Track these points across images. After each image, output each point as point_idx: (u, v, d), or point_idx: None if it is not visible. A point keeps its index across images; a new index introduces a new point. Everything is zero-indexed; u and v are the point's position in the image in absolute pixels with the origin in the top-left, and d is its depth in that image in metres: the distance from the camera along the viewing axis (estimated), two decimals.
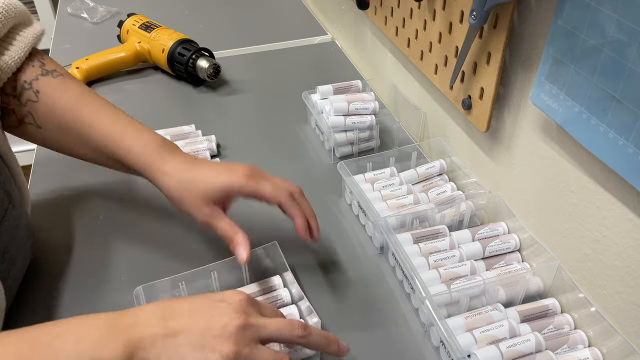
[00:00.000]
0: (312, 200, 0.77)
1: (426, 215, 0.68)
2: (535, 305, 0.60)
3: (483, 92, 0.65)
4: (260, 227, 0.72)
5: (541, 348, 0.54)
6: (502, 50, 0.60)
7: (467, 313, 0.57)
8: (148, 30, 1.05)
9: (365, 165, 0.77)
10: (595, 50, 0.47)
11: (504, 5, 0.57)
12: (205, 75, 0.99)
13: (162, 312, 0.45)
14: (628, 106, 0.45)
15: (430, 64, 0.76)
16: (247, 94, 1.02)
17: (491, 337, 0.55)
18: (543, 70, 0.54)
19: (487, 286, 0.59)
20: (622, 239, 0.51)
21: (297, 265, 0.67)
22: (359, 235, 0.72)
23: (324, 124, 0.83)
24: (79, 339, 0.42)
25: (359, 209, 0.73)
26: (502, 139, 0.67)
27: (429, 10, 0.73)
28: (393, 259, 0.66)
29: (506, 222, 0.68)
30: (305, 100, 0.87)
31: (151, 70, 1.08)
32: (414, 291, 0.62)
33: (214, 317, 0.45)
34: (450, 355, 0.55)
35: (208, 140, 0.85)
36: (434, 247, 0.65)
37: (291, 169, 0.83)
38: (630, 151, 0.46)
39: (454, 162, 0.77)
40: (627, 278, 0.52)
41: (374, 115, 0.82)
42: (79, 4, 1.30)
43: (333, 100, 0.82)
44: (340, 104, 0.81)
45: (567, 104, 0.52)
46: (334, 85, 0.88)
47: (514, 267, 0.64)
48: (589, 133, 0.50)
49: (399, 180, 0.75)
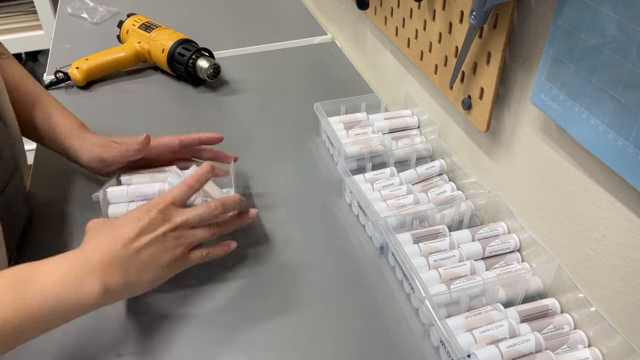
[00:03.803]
0: (312, 200, 0.77)
1: (426, 215, 0.68)
2: (535, 305, 0.60)
3: (483, 92, 0.65)
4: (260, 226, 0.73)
5: (541, 348, 0.54)
6: (502, 50, 0.60)
7: (467, 313, 0.57)
8: (148, 30, 1.05)
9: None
10: (595, 50, 0.47)
11: (504, 5, 0.57)
12: (205, 75, 0.99)
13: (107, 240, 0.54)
14: (628, 106, 0.45)
15: (430, 64, 0.76)
16: (247, 94, 1.02)
17: (491, 337, 0.55)
18: (543, 70, 0.54)
19: (487, 286, 0.59)
20: (622, 239, 0.51)
21: (296, 265, 0.67)
22: (359, 235, 0.72)
23: None
24: (58, 278, 0.50)
25: (358, 209, 0.73)
26: (502, 139, 0.67)
27: (429, 10, 0.73)
28: (393, 259, 0.66)
29: (506, 222, 0.68)
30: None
31: (151, 70, 1.08)
32: (413, 291, 0.62)
33: (142, 222, 0.56)
34: (450, 355, 0.55)
35: None
36: (433, 247, 0.65)
37: (291, 168, 0.83)
38: (630, 151, 0.46)
39: (454, 162, 0.77)
40: (627, 278, 0.52)
41: None
42: (79, 4, 1.30)
43: None
44: None
45: (567, 104, 0.52)
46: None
47: (514, 267, 0.64)
48: (589, 133, 0.50)
49: (399, 180, 0.75)
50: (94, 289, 0.51)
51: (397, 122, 0.87)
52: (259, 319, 0.61)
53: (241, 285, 0.65)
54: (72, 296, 0.50)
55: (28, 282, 0.48)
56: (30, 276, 0.49)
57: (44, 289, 0.49)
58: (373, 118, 0.87)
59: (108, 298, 0.52)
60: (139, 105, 0.99)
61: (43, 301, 0.48)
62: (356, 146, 0.81)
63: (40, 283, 0.49)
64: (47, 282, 0.49)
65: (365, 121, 0.87)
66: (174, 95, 1.02)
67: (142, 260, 0.55)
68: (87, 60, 1.02)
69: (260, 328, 0.61)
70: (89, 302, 0.51)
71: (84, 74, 1.01)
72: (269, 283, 0.65)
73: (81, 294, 0.50)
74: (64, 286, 0.49)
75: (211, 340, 0.59)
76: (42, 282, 0.49)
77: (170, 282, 0.64)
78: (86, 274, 0.51)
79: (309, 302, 0.63)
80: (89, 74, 1.02)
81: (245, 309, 0.63)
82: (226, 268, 0.67)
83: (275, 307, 0.63)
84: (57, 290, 0.49)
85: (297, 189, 0.79)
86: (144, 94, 1.02)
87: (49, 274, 0.50)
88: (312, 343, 0.59)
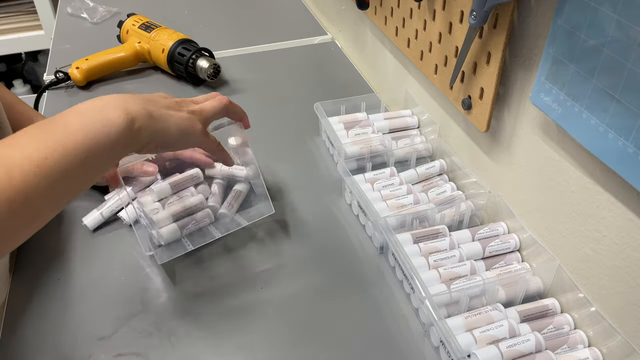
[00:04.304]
0: (312, 199, 0.77)
1: (426, 215, 0.68)
2: (535, 305, 0.60)
3: (483, 92, 0.65)
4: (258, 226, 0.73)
5: (541, 348, 0.54)
6: (502, 50, 0.60)
7: (467, 313, 0.57)
8: (148, 30, 1.05)
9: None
10: (595, 50, 0.47)
11: (504, 5, 0.57)
12: (205, 75, 0.99)
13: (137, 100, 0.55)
14: (628, 106, 0.45)
15: (430, 64, 0.76)
16: (247, 94, 1.02)
17: (491, 337, 0.55)
18: (543, 70, 0.54)
19: (487, 286, 0.59)
20: (622, 239, 0.51)
21: (296, 265, 0.67)
22: (359, 235, 0.72)
23: None
24: (81, 112, 0.50)
25: (358, 209, 0.73)
26: (502, 139, 0.67)
27: (429, 11, 0.73)
28: (393, 259, 0.66)
29: (506, 222, 0.68)
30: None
31: (151, 70, 1.08)
32: (413, 291, 0.62)
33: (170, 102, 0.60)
34: (450, 355, 0.55)
35: None
36: (433, 247, 0.65)
37: (291, 168, 0.83)
38: (630, 151, 0.46)
39: (454, 162, 0.77)
40: (627, 278, 0.52)
41: None
42: (79, 4, 1.30)
43: None
44: None
45: (567, 104, 0.52)
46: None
47: (514, 267, 0.64)
48: (589, 133, 0.50)
49: (399, 180, 0.75)
50: (118, 114, 0.50)
51: (397, 122, 0.87)
52: (259, 319, 0.62)
53: (241, 285, 0.65)
54: (98, 124, 0.49)
55: (52, 122, 0.48)
56: (53, 119, 0.49)
57: (69, 123, 0.49)
58: (373, 118, 0.87)
59: (134, 126, 0.52)
60: None
61: (72, 132, 0.48)
62: (356, 146, 0.81)
63: (64, 118, 0.49)
64: (71, 116, 0.49)
65: (365, 121, 0.87)
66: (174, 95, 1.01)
67: (161, 104, 0.57)
68: (87, 60, 1.02)
69: (260, 328, 0.61)
70: (116, 129, 0.50)
71: (84, 74, 1.01)
72: (269, 283, 0.65)
73: (106, 120, 0.50)
74: (89, 116, 0.49)
75: (211, 340, 0.59)
76: (66, 118, 0.49)
77: (168, 282, 0.65)
78: (106, 105, 0.51)
79: (308, 302, 0.63)
80: (89, 74, 1.02)
81: (245, 309, 0.63)
82: (226, 268, 0.67)
83: (275, 307, 0.63)
84: (82, 121, 0.49)
85: (297, 189, 0.79)
86: None
87: (70, 112, 0.50)
88: (312, 343, 0.59)
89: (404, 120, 0.87)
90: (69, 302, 0.63)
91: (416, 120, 0.87)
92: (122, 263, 0.68)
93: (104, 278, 0.66)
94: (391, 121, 0.87)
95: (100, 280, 0.66)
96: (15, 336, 0.60)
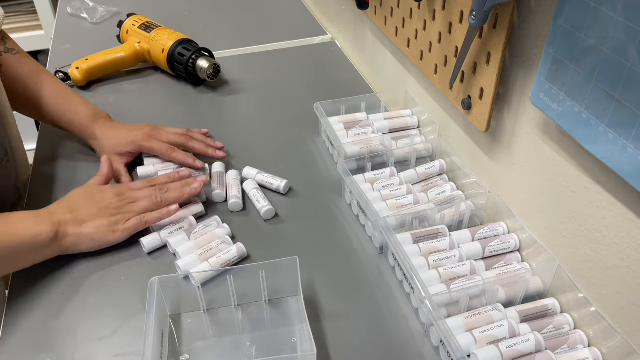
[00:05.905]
0: (312, 199, 0.77)
1: (426, 215, 0.68)
2: (535, 305, 0.60)
3: (483, 92, 0.65)
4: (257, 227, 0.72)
5: (541, 348, 0.54)
6: (502, 50, 0.60)
7: (467, 313, 0.57)
8: (148, 30, 1.05)
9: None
10: (595, 50, 0.47)
11: (504, 5, 0.57)
12: (205, 75, 0.99)
13: (67, 205, 0.67)
14: (628, 106, 0.45)
15: (430, 64, 0.76)
16: (247, 94, 1.02)
17: (491, 337, 0.55)
18: (543, 70, 0.54)
19: (487, 286, 0.59)
20: (622, 239, 0.51)
21: None
22: (359, 235, 0.72)
23: None
24: (20, 220, 0.63)
25: (358, 209, 0.73)
26: (502, 139, 0.67)
27: (429, 11, 0.73)
28: (393, 259, 0.66)
29: (506, 222, 0.68)
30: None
31: (151, 70, 1.08)
32: (413, 291, 0.62)
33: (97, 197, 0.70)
34: (450, 355, 0.55)
35: None
36: (433, 247, 0.65)
37: (291, 167, 0.83)
38: (630, 151, 0.46)
39: (454, 162, 0.77)
40: (627, 278, 0.52)
41: None
42: (79, 4, 1.30)
43: None
44: None
45: (567, 104, 0.52)
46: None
47: (514, 267, 0.64)
48: (589, 133, 0.50)
49: (399, 180, 0.75)
50: (42, 219, 0.63)
51: (397, 122, 0.87)
52: (259, 319, 0.61)
53: (241, 284, 0.65)
54: (29, 230, 0.62)
55: None
56: None
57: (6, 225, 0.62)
58: (373, 118, 0.87)
59: (59, 227, 0.64)
60: (139, 105, 0.99)
61: (5, 234, 0.60)
62: (356, 146, 0.81)
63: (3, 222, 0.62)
64: (6, 221, 0.62)
65: (365, 121, 0.87)
66: (174, 95, 1.02)
67: (87, 201, 0.68)
68: (87, 60, 1.02)
69: (260, 328, 0.61)
70: (43, 231, 0.62)
71: (84, 74, 1.01)
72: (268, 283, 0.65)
73: (34, 225, 0.62)
74: (21, 223, 0.63)
75: (211, 340, 0.59)
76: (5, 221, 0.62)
77: None
78: (35, 214, 0.64)
79: (308, 302, 0.63)
80: (89, 74, 1.02)
81: (244, 309, 0.63)
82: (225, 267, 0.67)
83: (275, 307, 0.63)
84: (17, 225, 0.62)
85: (297, 188, 0.79)
86: (144, 94, 1.02)
87: (6, 217, 0.62)
88: None
89: (404, 120, 0.87)
90: (69, 302, 0.63)
91: (416, 120, 0.87)
92: (123, 263, 0.68)
93: (104, 278, 0.66)
94: (391, 121, 0.87)
95: (100, 280, 0.66)
96: (16, 336, 0.60)
